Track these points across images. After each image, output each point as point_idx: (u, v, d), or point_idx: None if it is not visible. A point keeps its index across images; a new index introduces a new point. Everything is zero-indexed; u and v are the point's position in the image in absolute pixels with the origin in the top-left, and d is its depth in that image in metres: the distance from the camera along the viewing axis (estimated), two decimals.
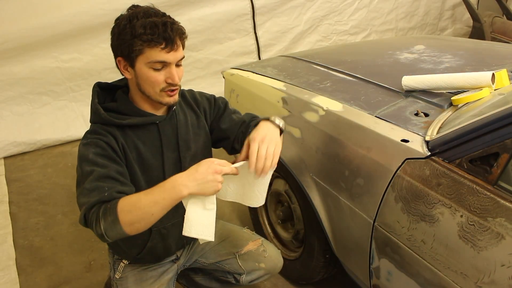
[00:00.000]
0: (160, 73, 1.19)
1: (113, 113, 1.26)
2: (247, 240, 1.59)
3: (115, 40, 1.19)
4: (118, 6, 3.20)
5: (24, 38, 3.18)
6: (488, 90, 1.37)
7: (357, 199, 1.38)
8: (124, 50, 1.18)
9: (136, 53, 1.17)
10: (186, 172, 1.13)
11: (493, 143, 1.05)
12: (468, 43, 2.43)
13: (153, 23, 1.15)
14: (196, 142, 1.40)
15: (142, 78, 1.21)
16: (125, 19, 1.17)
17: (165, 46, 1.16)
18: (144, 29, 1.14)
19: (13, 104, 3.38)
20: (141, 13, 1.16)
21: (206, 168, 1.12)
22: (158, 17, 1.17)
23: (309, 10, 4.16)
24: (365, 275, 1.41)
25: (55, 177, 3.04)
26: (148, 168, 1.31)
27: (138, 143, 1.29)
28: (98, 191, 1.13)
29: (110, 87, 1.34)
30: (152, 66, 1.18)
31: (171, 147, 1.34)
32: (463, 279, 1.05)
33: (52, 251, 2.30)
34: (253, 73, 2.04)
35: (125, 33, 1.15)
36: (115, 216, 1.07)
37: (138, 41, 1.15)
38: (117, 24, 1.18)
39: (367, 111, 1.47)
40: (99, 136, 1.23)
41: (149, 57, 1.16)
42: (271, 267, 1.58)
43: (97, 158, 1.19)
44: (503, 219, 0.98)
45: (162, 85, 1.21)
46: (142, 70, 1.19)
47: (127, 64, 1.21)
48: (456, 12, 4.97)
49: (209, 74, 3.86)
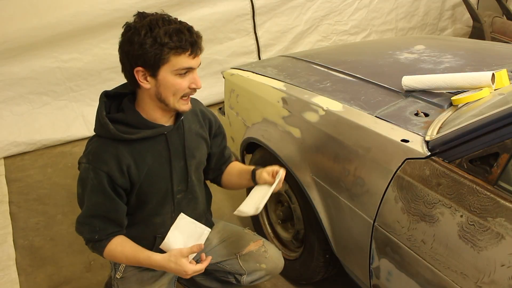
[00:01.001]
0: (184, 79, 1.21)
1: (120, 125, 1.24)
2: (248, 240, 1.59)
3: (136, 50, 1.14)
4: (118, 6, 3.25)
5: (24, 38, 3.18)
6: (488, 90, 1.37)
7: (357, 199, 1.38)
8: (149, 60, 1.15)
9: (163, 62, 1.15)
10: (165, 262, 1.27)
11: (493, 143, 1.05)
12: (468, 43, 2.43)
13: (178, 30, 1.14)
14: (200, 151, 1.42)
15: (166, 86, 1.20)
16: (144, 28, 1.14)
17: (191, 52, 1.17)
18: (170, 37, 1.13)
19: (13, 104, 3.38)
20: (160, 21, 1.15)
21: (177, 269, 1.26)
22: (177, 23, 1.17)
23: (309, 10, 4.16)
24: (365, 275, 1.41)
25: (55, 177, 3.04)
26: (156, 180, 1.33)
27: (146, 156, 1.29)
28: (89, 228, 1.30)
29: (116, 95, 1.31)
30: (178, 73, 1.18)
31: (178, 156, 1.36)
32: (463, 279, 1.05)
33: (52, 251, 2.30)
34: (253, 73, 2.04)
35: (148, 42, 1.13)
36: (100, 254, 1.32)
37: (165, 49, 1.14)
38: (135, 34, 1.14)
39: (367, 111, 1.47)
40: (99, 165, 1.23)
41: (176, 64, 1.17)
42: (272, 268, 1.58)
43: (93, 195, 1.26)
44: (503, 219, 0.98)
45: (186, 91, 1.22)
46: (167, 78, 1.18)
47: (147, 74, 1.18)
48: (456, 12, 4.97)
49: (209, 74, 3.86)
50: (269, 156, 1.82)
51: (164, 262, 1.26)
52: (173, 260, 1.25)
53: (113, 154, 1.24)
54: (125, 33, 1.17)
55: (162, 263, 1.27)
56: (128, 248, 1.31)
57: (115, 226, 1.32)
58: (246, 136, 1.95)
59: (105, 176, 1.23)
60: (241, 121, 2.05)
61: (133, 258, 1.30)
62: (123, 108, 1.28)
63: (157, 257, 1.28)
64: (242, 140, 2.01)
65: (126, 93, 1.30)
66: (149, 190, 1.33)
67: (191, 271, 1.26)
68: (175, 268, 1.26)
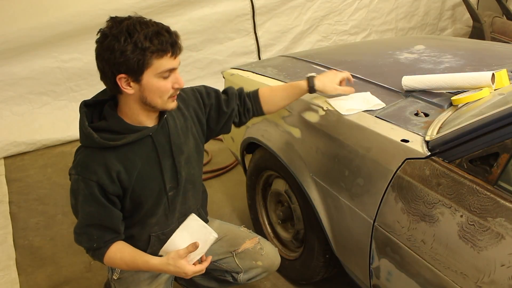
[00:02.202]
0: (167, 81, 1.19)
1: (104, 133, 1.23)
2: (243, 238, 1.59)
3: (118, 58, 1.12)
4: (118, 6, 3.25)
5: (24, 38, 3.18)
6: (488, 90, 1.37)
7: (357, 199, 1.38)
8: (131, 66, 1.13)
9: (146, 66, 1.14)
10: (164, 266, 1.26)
11: (493, 143, 1.05)
12: (468, 43, 2.43)
13: (157, 32, 1.13)
14: (187, 145, 1.41)
15: (151, 90, 1.19)
16: (123, 34, 1.11)
17: (172, 53, 1.16)
18: (151, 40, 1.11)
19: (13, 104, 3.38)
20: (137, 25, 1.12)
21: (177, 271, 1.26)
22: (155, 25, 1.14)
23: (309, 10, 4.16)
24: (365, 275, 1.41)
25: (55, 177, 3.04)
26: (148, 182, 1.32)
27: (135, 160, 1.28)
28: (87, 237, 1.31)
29: (96, 103, 1.28)
30: (161, 75, 1.17)
31: (166, 154, 1.34)
32: (463, 279, 1.05)
33: (52, 251, 2.30)
34: (253, 73, 2.05)
35: (129, 48, 1.11)
36: (101, 261, 1.34)
37: (147, 53, 1.12)
38: (114, 40, 1.11)
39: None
40: (88, 175, 1.23)
41: (159, 67, 1.15)
42: (268, 265, 1.58)
43: (85, 206, 1.27)
44: (503, 219, 0.98)
45: (171, 91, 1.21)
46: (151, 82, 1.17)
47: (130, 80, 1.16)
48: (456, 12, 4.97)
49: (209, 74, 3.86)
50: (269, 156, 1.82)
51: (163, 265, 1.26)
52: (172, 263, 1.24)
53: (101, 163, 1.23)
54: (102, 40, 1.13)
55: (161, 267, 1.27)
56: (126, 254, 1.31)
57: (112, 232, 1.32)
58: (246, 136, 1.95)
59: (96, 186, 1.23)
60: None
61: (132, 263, 1.31)
62: (105, 116, 1.25)
63: (155, 261, 1.28)
64: (242, 140, 2.01)
65: (107, 99, 1.28)
66: (142, 192, 1.32)
67: (191, 272, 1.26)
68: (174, 270, 1.26)
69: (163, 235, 1.42)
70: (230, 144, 2.26)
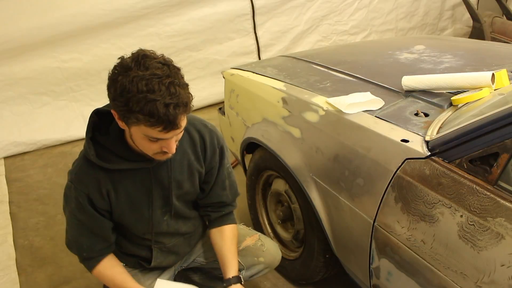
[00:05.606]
0: (155, 144, 1.11)
1: (103, 150, 1.20)
2: (244, 236, 1.59)
3: (112, 94, 1.06)
4: (118, 6, 3.25)
5: (24, 38, 3.18)
6: (488, 90, 1.37)
7: (357, 199, 1.38)
8: (119, 113, 1.07)
9: (130, 124, 1.07)
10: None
11: (493, 143, 1.05)
12: (468, 43, 2.43)
13: (153, 105, 1.00)
14: (190, 182, 1.37)
15: (136, 140, 1.14)
16: (125, 82, 1.02)
17: (164, 129, 1.05)
18: (142, 108, 1.01)
19: (13, 104, 3.37)
20: (143, 81, 1.01)
21: None
22: (167, 96, 1.02)
23: (309, 10, 4.16)
24: (365, 275, 1.41)
25: (55, 177, 3.04)
26: (137, 207, 1.31)
27: (126, 184, 1.26)
28: (76, 246, 1.33)
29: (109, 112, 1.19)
30: (148, 138, 1.09)
31: (162, 187, 1.31)
32: (463, 279, 1.05)
33: (52, 251, 2.30)
34: (253, 73, 2.04)
35: (121, 101, 1.03)
36: (89, 271, 1.35)
37: (133, 116, 1.03)
38: (117, 77, 1.04)
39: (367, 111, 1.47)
40: (80, 187, 1.23)
41: (146, 132, 1.07)
42: (270, 261, 1.59)
43: (76, 213, 1.28)
44: (503, 219, 0.98)
45: (157, 151, 1.14)
46: (137, 135, 1.10)
47: (120, 119, 1.10)
48: (456, 12, 4.97)
49: (209, 74, 3.86)
50: (269, 156, 1.82)
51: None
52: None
53: (94, 177, 1.23)
54: (114, 68, 1.07)
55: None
56: (117, 274, 1.33)
57: (102, 241, 1.32)
58: (246, 136, 1.95)
59: (86, 198, 1.25)
60: (241, 121, 2.05)
61: (120, 285, 1.32)
62: (110, 131, 1.21)
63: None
64: (242, 140, 2.01)
65: None
66: (131, 213, 1.31)
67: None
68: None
69: (165, 247, 1.44)
70: (230, 144, 2.26)
